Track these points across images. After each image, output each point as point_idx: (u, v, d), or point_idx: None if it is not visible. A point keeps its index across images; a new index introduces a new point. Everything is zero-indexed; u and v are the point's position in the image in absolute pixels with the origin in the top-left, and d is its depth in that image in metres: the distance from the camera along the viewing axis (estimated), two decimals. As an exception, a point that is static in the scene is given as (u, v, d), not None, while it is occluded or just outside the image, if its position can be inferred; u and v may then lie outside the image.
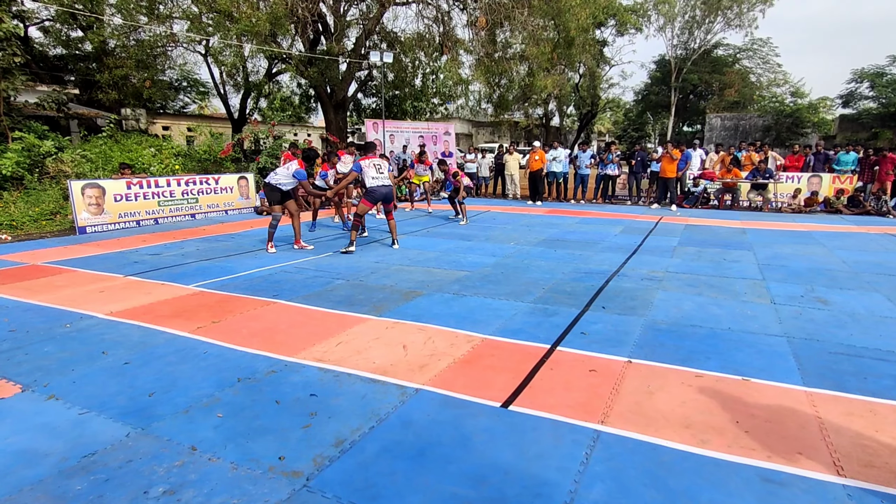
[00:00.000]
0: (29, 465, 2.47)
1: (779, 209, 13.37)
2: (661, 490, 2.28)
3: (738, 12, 32.53)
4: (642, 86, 41.52)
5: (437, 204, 14.01)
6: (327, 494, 2.25)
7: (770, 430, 2.77)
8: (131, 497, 2.23)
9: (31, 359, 3.74)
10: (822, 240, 8.78)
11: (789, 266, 6.71)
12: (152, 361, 3.68)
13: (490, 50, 19.45)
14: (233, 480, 2.34)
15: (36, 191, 11.36)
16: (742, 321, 4.53)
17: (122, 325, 4.47)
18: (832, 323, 4.51)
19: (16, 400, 3.13)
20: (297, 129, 31.03)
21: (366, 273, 6.32)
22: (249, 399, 3.12)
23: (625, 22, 29.29)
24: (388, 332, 4.27)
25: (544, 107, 32.48)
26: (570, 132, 39.21)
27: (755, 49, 36.97)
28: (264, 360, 3.69)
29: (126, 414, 2.94)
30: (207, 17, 17.98)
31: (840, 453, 2.56)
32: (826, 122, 31.95)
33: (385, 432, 2.76)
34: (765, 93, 37.74)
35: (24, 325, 4.47)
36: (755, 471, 2.42)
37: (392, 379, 3.39)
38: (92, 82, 20.06)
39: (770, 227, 10.43)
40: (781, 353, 3.82)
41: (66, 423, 2.85)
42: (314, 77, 18.72)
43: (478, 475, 2.39)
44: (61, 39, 20.98)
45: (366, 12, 20.22)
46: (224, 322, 4.53)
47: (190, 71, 27.85)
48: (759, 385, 3.30)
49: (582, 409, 2.99)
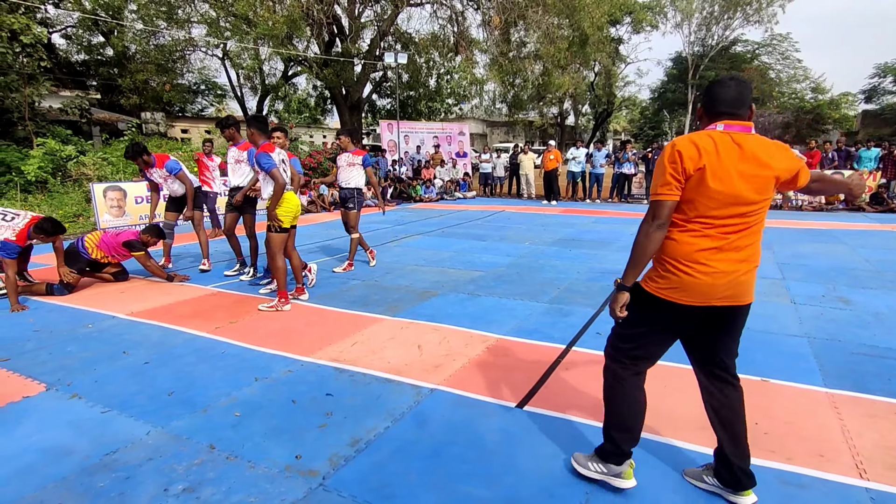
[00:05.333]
0: (54, 462, 2.53)
1: (799, 207, 13.14)
2: (680, 492, 2.26)
3: (757, 7, 31.97)
4: (658, 83, 41.08)
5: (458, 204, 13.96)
6: (343, 493, 2.27)
7: (790, 432, 2.72)
8: (152, 494, 2.27)
9: (54, 358, 3.83)
10: (844, 238, 8.61)
11: (810, 265, 6.60)
12: (171, 361, 3.74)
13: (504, 49, 19.42)
14: (250, 479, 2.37)
15: (59, 194, 11.62)
16: (761, 321, 4.46)
17: (143, 326, 4.54)
18: (854, 323, 4.42)
19: (40, 398, 3.21)
20: (312, 130, 31.27)
21: (381, 273, 6.35)
22: (266, 398, 3.15)
23: (640, 20, 29.04)
24: (403, 332, 4.29)
25: (559, 106, 32.33)
26: (585, 131, 38.99)
27: (775, 45, 36.32)
28: (281, 360, 3.73)
29: (146, 413, 3.00)
30: (225, 21, 18.23)
31: (863, 456, 2.51)
32: (848, 118, 31.31)
33: (400, 432, 2.77)
34: (784, 89, 37.07)
35: (48, 326, 4.57)
36: (774, 473, 2.38)
37: (407, 379, 3.40)
38: (113, 87, 20.48)
39: (790, 225, 10.26)
40: (802, 354, 3.76)
41: (88, 422, 2.91)
42: (330, 78, 18.86)
43: (492, 475, 2.39)
44: (83, 45, 21.41)
45: (380, 13, 20.32)
46: (241, 322, 4.59)
47: (208, 74, 28.28)
48: (778, 386, 3.25)
49: (597, 409, 2.96)
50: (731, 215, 1.92)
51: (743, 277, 1.96)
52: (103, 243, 5.76)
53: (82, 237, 5.84)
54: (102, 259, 5.82)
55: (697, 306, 1.98)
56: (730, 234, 1.94)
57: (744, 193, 1.89)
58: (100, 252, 5.75)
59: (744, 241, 1.95)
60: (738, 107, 1.95)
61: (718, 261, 1.94)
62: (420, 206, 14.68)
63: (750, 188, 1.89)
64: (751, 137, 1.92)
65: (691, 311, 2.00)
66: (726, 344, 2.13)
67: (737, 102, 1.95)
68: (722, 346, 2.13)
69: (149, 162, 6.36)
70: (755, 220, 1.95)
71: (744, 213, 1.92)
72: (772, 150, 1.92)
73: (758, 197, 1.91)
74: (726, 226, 1.93)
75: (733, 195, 1.89)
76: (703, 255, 1.94)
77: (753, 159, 1.88)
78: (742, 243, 1.95)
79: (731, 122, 1.94)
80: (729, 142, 1.90)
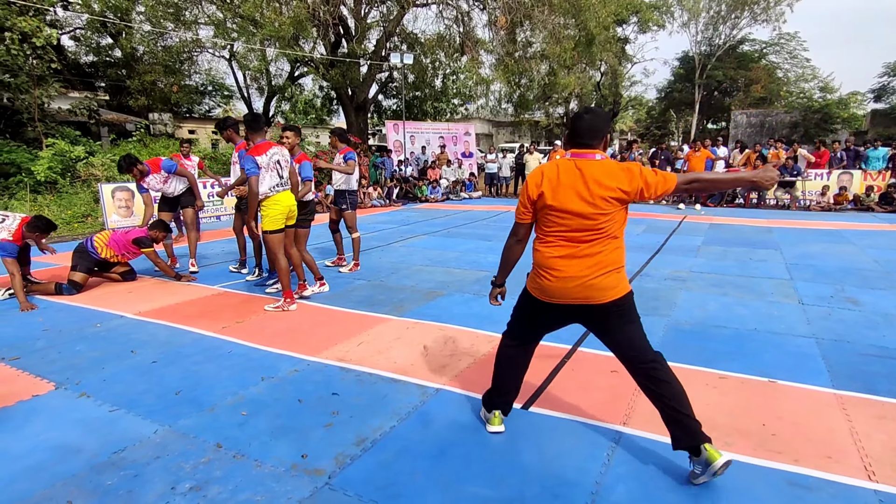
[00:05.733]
0: (63, 460, 2.55)
1: (807, 207, 13.05)
2: (685, 493, 2.25)
3: (764, 6, 31.78)
4: (665, 83, 40.86)
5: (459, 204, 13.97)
6: (349, 493, 2.28)
7: (797, 433, 2.71)
8: (159, 493, 2.29)
9: (63, 357, 3.86)
10: (853, 238, 8.55)
11: (818, 265, 6.55)
12: (179, 360, 3.76)
13: (510, 49, 19.41)
14: (257, 478, 2.39)
15: (68, 194, 11.71)
16: (769, 322, 4.44)
17: (150, 325, 4.57)
18: (863, 324, 4.39)
19: (49, 397, 3.24)
20: (319, 131, 31.34)
21: (386, 273, 6.36)
22: (272, 398, 3.17)
23: (647, 19, 28.91)
24: (409, 332, 4.29)
25: (565, 106, 32.20)
26: (591, 131, 38.75)
27: (782, 44, 36.07)
28: (287, 360, 3.75)
29: (154, 412, 3.02)
30: (232, 23, 18.30)
31: (871, 457, 2.49)
32: (857, 117, 31.02)
33: (406, 432, 2.77)
34: (792, 88, 36.80)
35: (57, 325, 4.61)
36: (782, 474, 2.37)
37: (413, 379, 3.41)
38: (121, 88, 20.59)
39: (798, 225, 10.20)
40: (810, 355, 3.74)
41: (96, 420, 2.94)
42: (336, 79, 18.90)
43: (497, 475, 2.39)
44: (92, 47, 21.55)
45: (386, 14, 20.36)
46: (248, 322, 4.61)
47: (215, 75, 28.40)
48: (786, 387, 3.24)
49: (603, 410, 2.97)
50: (577, 228, 2.28)
51: (594, 281, 2.28)
52: (113, 242, 5.81)
53: (91, 237, 5.88)
54: (112, 258, 5.87)
55: (553, 303, 2.40)
56: (578, 243, 2.30)
57: (583, 210, 2.24)
58: (109, 251, 5.80)
59: (594, 248, 2.29)
60: (588, 137, 2.31)
61: (568, 266, 2.31)
62: (425, 206, 14.69)
63: (587, 206, 2.24)
64: (594, 163, 2.27)
65: (550, 307, 2.43)
66: (625, 338, 2.39)
67: (586, 134, 2.31)
68: (623, 340, 2.39)
69: (144, 171, 6.33)
70: (601, 232, 2.27)
71: (588, 226, 2.26)
72: (613, 173, 2.25)
73: (595, 212, 2.24)
74: (573, 237, 2.30)
75: (573, 212, 2.26)
76: (556, 262, 2.33)
77: (593, 181, 2.23)
78: (591, 251, 2.29)
79: (579, 150, 2.32)
80: (572, 167, 2.28)
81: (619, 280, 2.32)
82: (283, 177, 4.96)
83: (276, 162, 4.84)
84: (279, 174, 4.89)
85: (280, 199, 4.90)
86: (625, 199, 2.27)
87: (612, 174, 2.25)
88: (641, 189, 2.27)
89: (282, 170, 4.93)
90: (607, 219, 2.26)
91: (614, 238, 2.31)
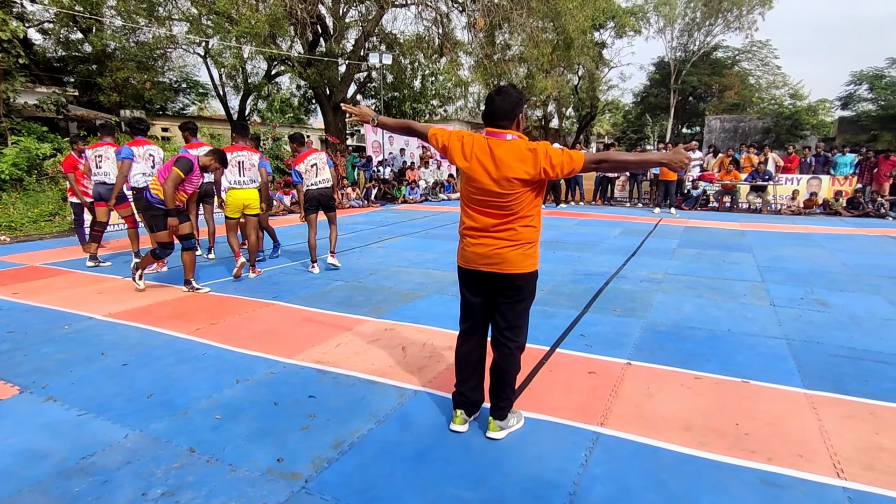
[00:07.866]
0: (28, 465, 2.46)
1: (778, 211, 13.39)
2: (662, 492, 2.27)
3: (738, 14, 32.59)
4: (641, 88, 41.59)
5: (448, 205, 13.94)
6: (326, 496, 2.24)
7: (770, 433, 2.76)
8: (130, 499, 2.22)
9: (29, 360, 3.73)
10: (822, 242, 8.78)
11: (789, 268, 6.71)
12: (151, 363, 3.67)
13: (489, 51, 19.49)
14: (231, 482, 2.34)
15: (35, 192, 11.35)
16: (742, 323, 4.53)
17: (121, 327, 4.46)
18: (832, 325, 4.51)
19: (14, 401, 3.12)
20: (296, 130, 31.02)
21: (365, 274, 6.31)
22: (248, 401, 3.11)
23: (623, 24, 29.36)
24: (387, 334, 4.26)
25: (543, 108, 32.51)
26: (569, 134, 39.23)
27: (755, 51, 37.04)
28: (263, 362, 3.68)
29: (124, 415, 2.93)
30: (207, 19, 18.02)
31: (841, 456, 2.55)
32: (825, 124, 31.99)
33: (384, 434, 2.75)
34: (764, 95, 37.78)
35: (23, 327, 4.46)
36: (756, 473, 2.41)
37: (391, 381, 3.38)
38: (92, 84, 20.07)
39: (769, 228, 10.44)
40: (781, 356, 3.82)
41: (64, 425, 2.84)
42: (313, 78, 18.75)
43: (477, 477, 2.38)
44: (61, 41, 20.97)
45: (365, 14, 20.27)
46: (223, 323, 4.53)
47: (190, 73, 27.90)
48: (759, 387, 3.30)
49: (581, 410, 2.98)
50: (489, 205, 2.47)
51: (500, 251, 2.49)
52: (160, 176, 5.29)
53: (147, 188, 5.45)
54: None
55: (471, 269, 2.60)
56: (486, 216, 2.49)
57: (490, 187, 2.42)
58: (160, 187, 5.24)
59: (504, 224, 2.47)
60: (497, 118, 2.45)
61: (478, 237, 2.53)
62: (404, 207, 14.65)
63: (493, 184, 2.41)
64: (504, 143, 2.42)
65: (471, 274, 2.62)
66: (509, 315, 2.61)
67: (495, 115, 2.44)
68: (506, 315, 2.61)
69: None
70: (510, 210, 2.45)
71: (497, 203, 2.44)
72: (520, 155, 2.39)
73: (501, 191, 2.41)
74: (486, 212, 2.49)
75: (482, 187, 2.44)
76: (471, 232, 2.56)
77: (500, 161, 2.39)
78: (499, 227, 2.48)
79: (491, 129, 2.47)
80: (485, 145, 2.45)
81: (525, 257, 2.52)
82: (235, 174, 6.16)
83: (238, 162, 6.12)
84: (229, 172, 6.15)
85: (229, 195, 6.22)
86: (528, 181, 2.41)
87: (518, 156, 2.39)
88: (545, 169, 2.38)
89: (232, 169, 6.12)
90: (514, 198, 2.42)
91: (525, 217, 2.48)
